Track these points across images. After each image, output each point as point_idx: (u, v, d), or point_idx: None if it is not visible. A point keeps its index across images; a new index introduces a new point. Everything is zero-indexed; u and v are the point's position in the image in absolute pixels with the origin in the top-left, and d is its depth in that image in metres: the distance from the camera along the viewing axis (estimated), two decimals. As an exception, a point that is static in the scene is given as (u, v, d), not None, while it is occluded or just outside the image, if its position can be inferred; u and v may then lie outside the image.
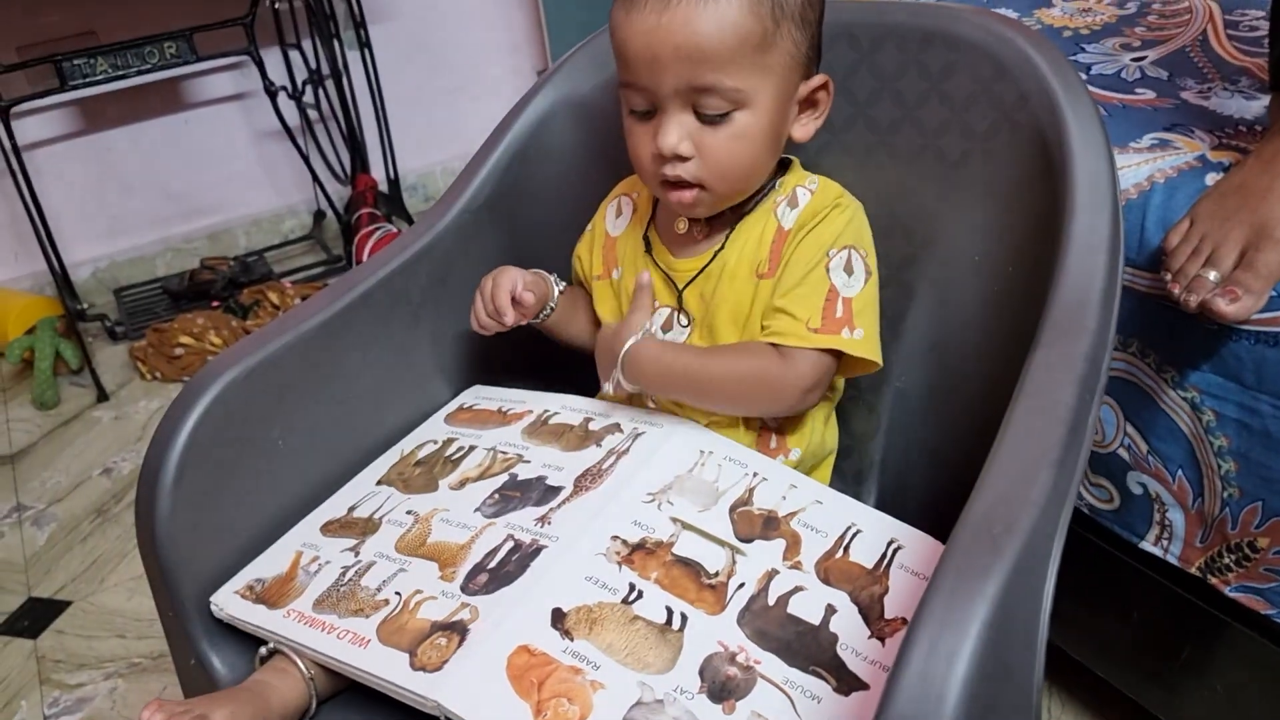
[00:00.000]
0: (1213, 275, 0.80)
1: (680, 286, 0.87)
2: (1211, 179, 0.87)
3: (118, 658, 1.42)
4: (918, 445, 0.92)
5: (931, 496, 0.89)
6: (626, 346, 0.83)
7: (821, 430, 0.89)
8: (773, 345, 0.81)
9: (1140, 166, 0.91)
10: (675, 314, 0.88)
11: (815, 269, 0.81)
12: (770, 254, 0.83)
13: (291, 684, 0.74)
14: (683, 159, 0.78)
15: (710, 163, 0.78)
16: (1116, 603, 1.03)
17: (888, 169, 0.90)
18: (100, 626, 1.48)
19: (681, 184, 0.80)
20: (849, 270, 0.81)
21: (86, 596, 1.54)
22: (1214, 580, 0.92)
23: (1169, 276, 0.83)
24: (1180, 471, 0.92)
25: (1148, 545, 0.97)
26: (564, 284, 0.95)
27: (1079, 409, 0.64)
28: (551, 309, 0.94)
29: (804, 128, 0.83)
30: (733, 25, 0.74)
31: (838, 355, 0.81)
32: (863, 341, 0.80)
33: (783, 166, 0.87)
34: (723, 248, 0.85)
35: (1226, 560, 0.90)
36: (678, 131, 0.77)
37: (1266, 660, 0.91)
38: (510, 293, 0.89)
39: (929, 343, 0.89)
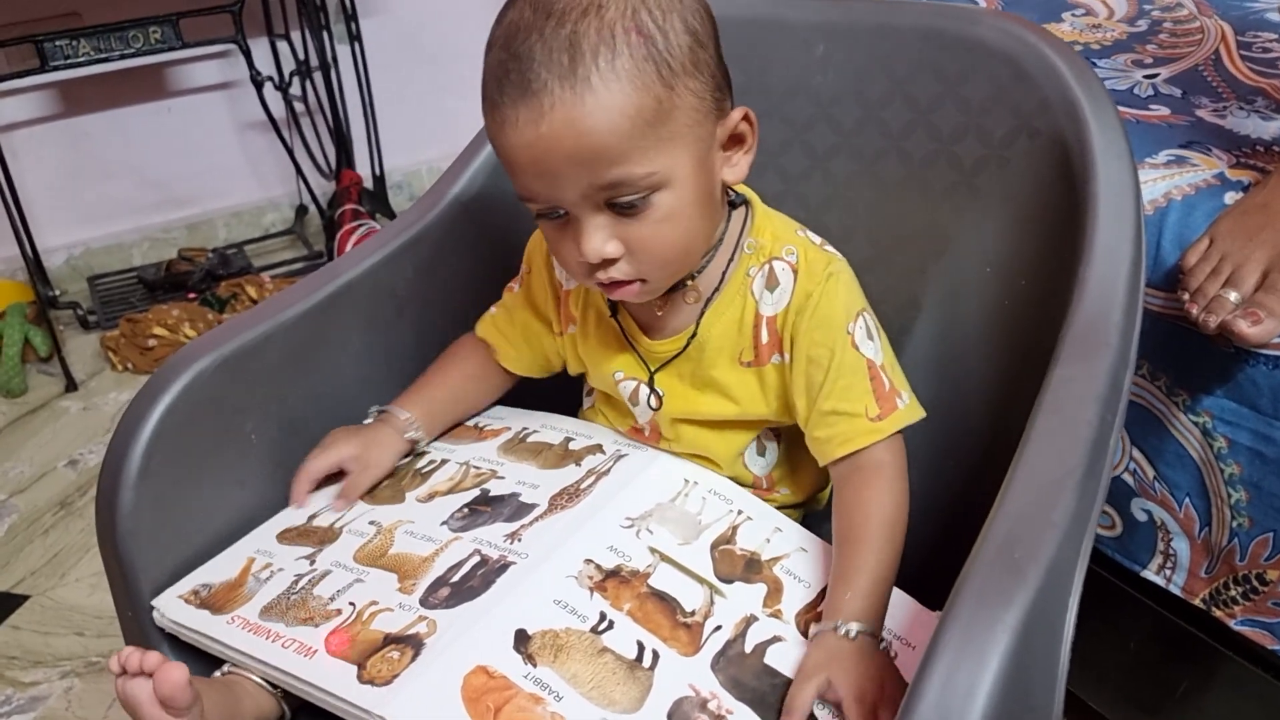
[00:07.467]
0: (1233, 296, 0.78)
1: (653, 368, 0.80)
2: (1231, 198, 0.85)
3: (75, 656, 1.36)
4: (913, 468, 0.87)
5: (923, 545, 0.78)
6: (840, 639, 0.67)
7: (819, 485, 0.86)
8: (844, 460, 0.74)
9: (1156, 183, 0.89)
10: (640, 387, 0.81)
11: (846, 353, 0.74)
12: (754, 342, 0.77)
13: (266, 696, 0.70)
14: (612, 261, 0.69)
15: (642, 256, 0.69)
16: (1112, 632, 1.01)
17: (898, 174, 0.86)
18: (58, 623, 1.42)
19: (619, 283, 0.71)
20: (871, 337, 0.75)
21: (45, 591, 1.48)
22: (1219, 613, 0.89)
23: (1187, 296, 0.81)
24: (1188, 499, 0.89)
25: (1150, 574, 0.94)
26: (415, 430, 0.86)
27: (1101, 428, 0.61)
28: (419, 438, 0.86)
29: (735, 169, 0.72)
30: (620, 110, 0.62)
31: None
32: (913, 404, 0.75)
33: (734, 205, 0.78)
34: (695, 334, 0.77)
35: (1233, 592, 0.88)
36: (600, 236, 0.67)
37: (1270, 696, 0.88)
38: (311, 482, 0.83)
39: (933, 358, 0.86)
